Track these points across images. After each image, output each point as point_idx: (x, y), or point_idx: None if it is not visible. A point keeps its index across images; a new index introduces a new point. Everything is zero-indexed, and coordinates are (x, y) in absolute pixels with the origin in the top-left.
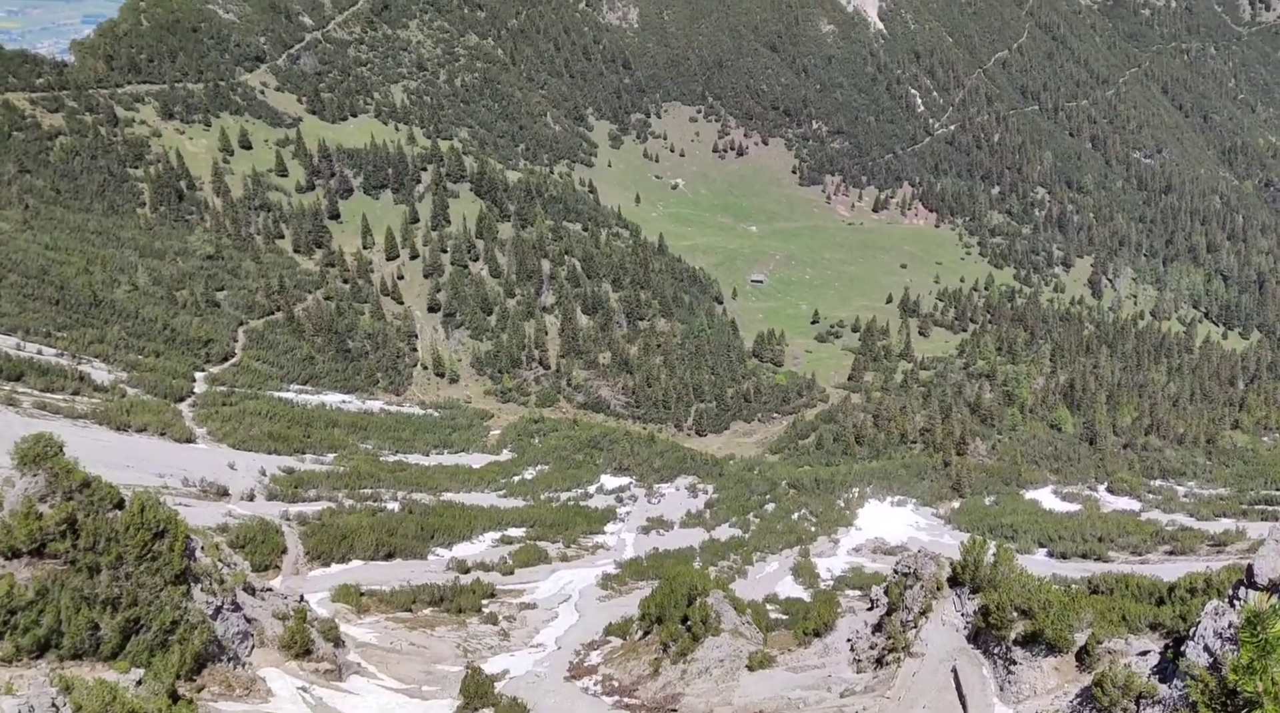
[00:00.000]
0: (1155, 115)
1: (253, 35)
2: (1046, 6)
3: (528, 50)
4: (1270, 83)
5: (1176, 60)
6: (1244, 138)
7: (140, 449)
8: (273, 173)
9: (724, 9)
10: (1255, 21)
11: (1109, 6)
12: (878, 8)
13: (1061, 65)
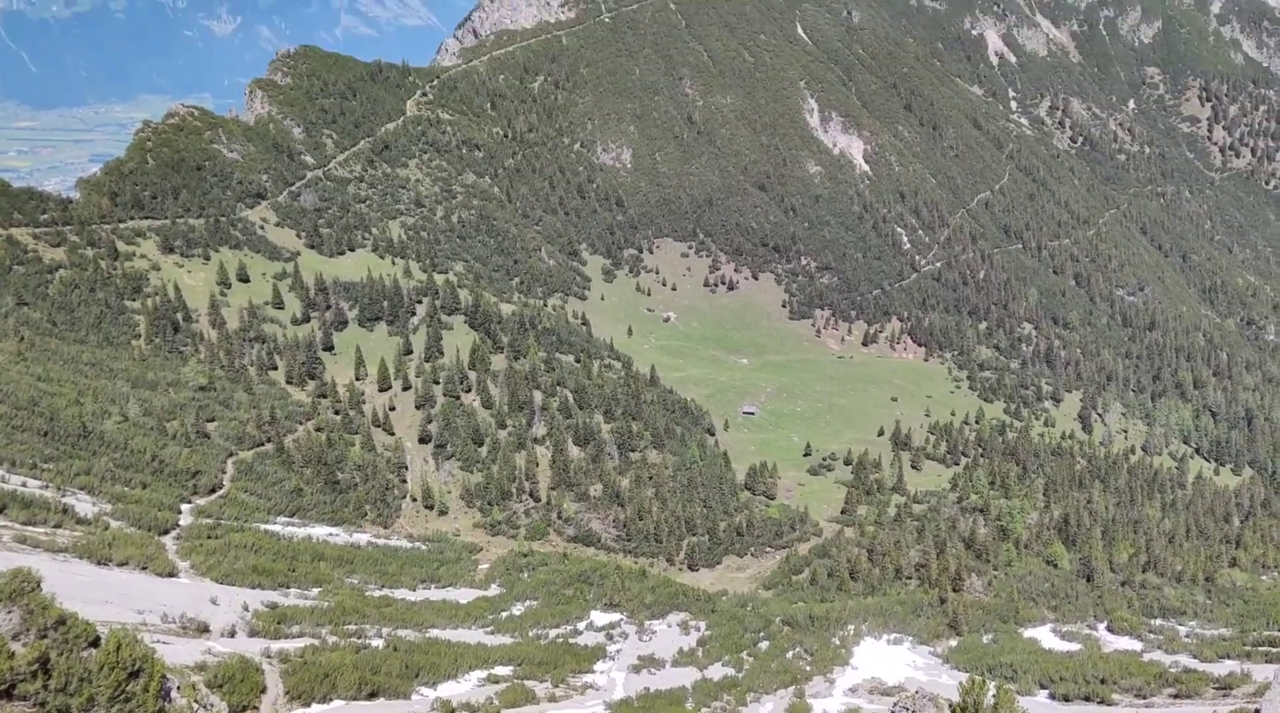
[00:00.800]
0: (1136, 254)
1: (255, 173)
2: (1026, 151)
3: (524, 189)
4: (1245, 225)
5: (1153, 203)
6: (1223, 277)
7: (121, 584)
8: (269, 305)
9: (714, 151)
10: (1226, 168)
11: (1085, 151)
12: (863, 150)
13: (1043, 206)
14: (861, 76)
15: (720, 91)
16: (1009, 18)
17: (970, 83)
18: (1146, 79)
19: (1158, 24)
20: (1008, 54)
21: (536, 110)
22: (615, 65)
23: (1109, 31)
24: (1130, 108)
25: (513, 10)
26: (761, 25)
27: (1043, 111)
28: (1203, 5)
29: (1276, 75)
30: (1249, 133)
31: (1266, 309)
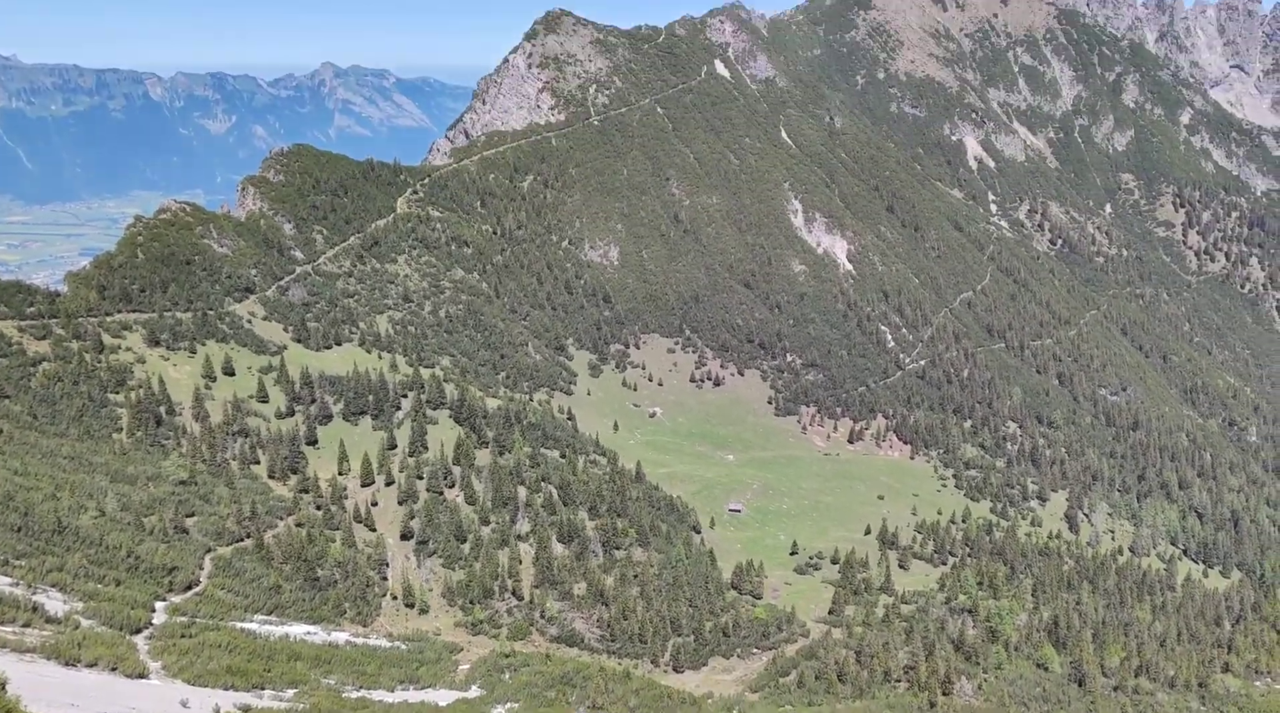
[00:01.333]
0: (1117, 355)
1: (245, 268)
2: (1006, 252)
3: (511, 284)
4: (1223, 328)
5: (1133, 304)
6: (1203, 378)
7: (88, 686)
8: (254, 399)
9: (700, 248)
10: (1202, 271)
11: (1065, 253)
12: (846, 250)
13: (1024, 306)
14: (844, 179)
15: (706, 192)
16: (987, 124)
17: (951, 186)
18: (1122, 185)
19: (1131, 133)
20: (986, 159)
21: (525, 208)
22: (604, 166)
23: (1084, 139)
24: (1107, 212)
25: (504, 113)
26: (746, 129)
27: (1022, 214)
28: (1173, 116)
29: (1246, 183)
30: (1222, 238)
31: (1247, 411)
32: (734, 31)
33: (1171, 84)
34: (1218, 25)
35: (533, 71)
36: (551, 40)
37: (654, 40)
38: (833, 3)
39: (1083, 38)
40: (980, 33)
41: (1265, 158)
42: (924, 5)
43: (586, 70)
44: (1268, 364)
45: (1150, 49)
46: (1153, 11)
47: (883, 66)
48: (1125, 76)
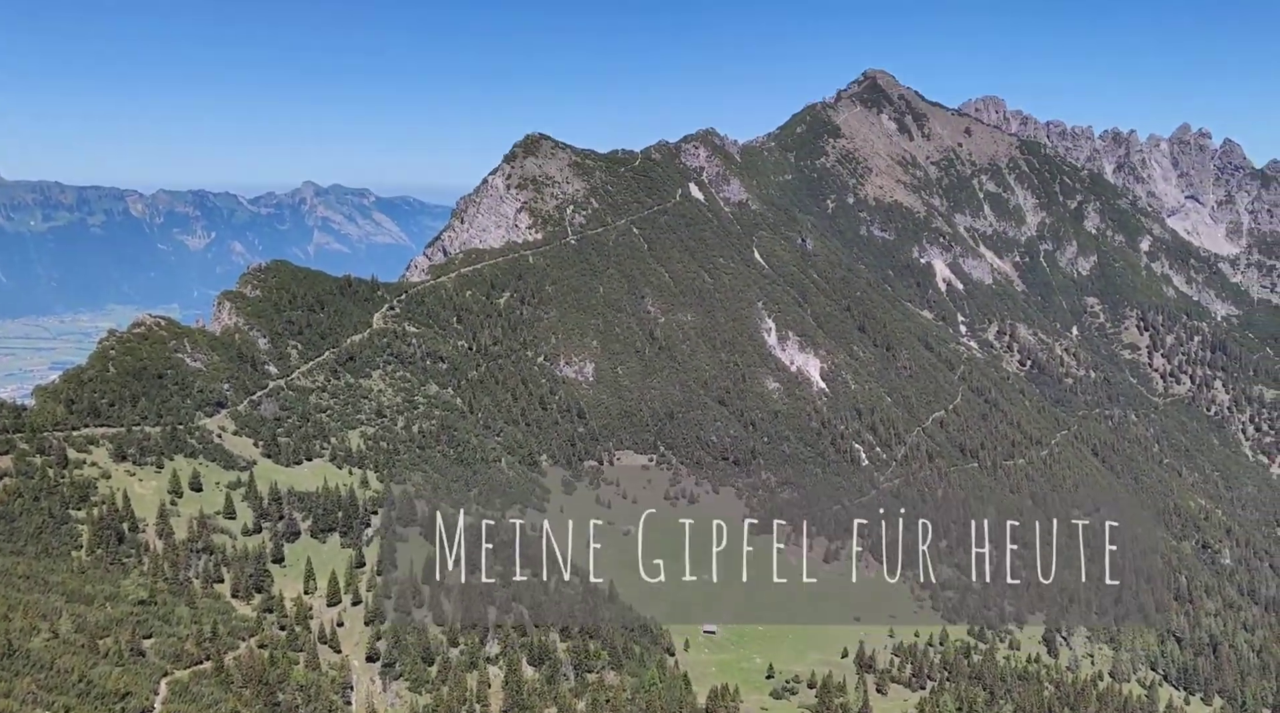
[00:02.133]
0: (1089, 476)
1: (217, 382)
2: (977, 372)
3: (486, 400)
4: (1191, 449)
5: (1102, 425)
6: (1175, 500)
7: None
8: (220, 515)
9: (675, 366)
10: (1169, 393)
11: (1034, 374)
12: (819, 368)
13: (996, 426)
14: (816, 299)
15: (681, 310)
16: (954, 248)
17: (920, 307)
18: (1087, 308)
19: (1094, 258)
20: (955, 282)
21: (501, 324)
22: (580, 283)
23: (1049, 263)
24: (1074, 334)
25: (482, 231)
26: (720, 249)
27: (991, 336)
28: (1133, 243)
29: (1206, 308)
30: (1186, 361)
31: (1220, 533)
32: (708, 156)
33: (1130, 212)
34: (1171, 158)
35: (511, 192)
36: (530, 162)
37: (630, 164)
38: (803, 130)
39: (1044, 167)
40: (945, 161)
41: (1223, 284)
42: (891, 134)
43: (564, 191)
44: (1237, 487)
45: (1109, 179)
46: (1110, 144)
47: (852, 192)
48: (1086, 204)
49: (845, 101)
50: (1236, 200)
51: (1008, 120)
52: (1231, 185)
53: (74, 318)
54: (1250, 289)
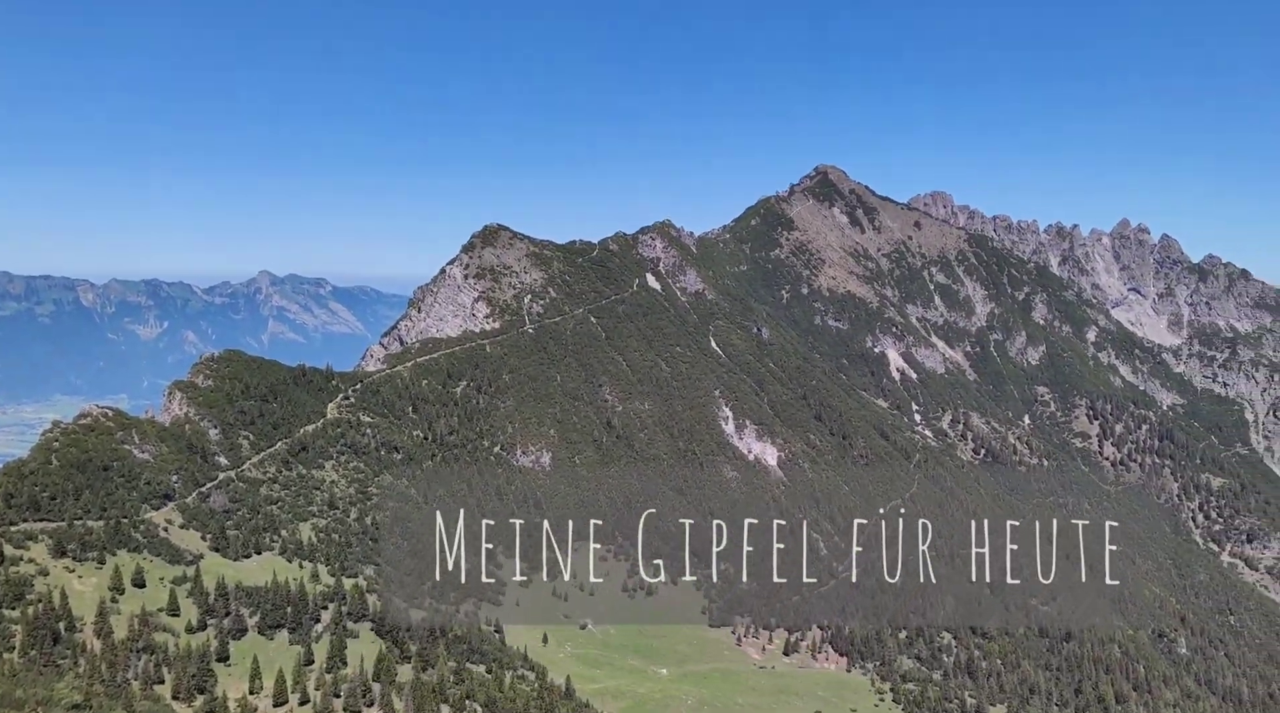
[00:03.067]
0: (1045, 564)
1: (165, 474)
2: (932, 461)
3: (441, 490)
4: (1144, 538)
5: (1057, 513)
6: (1130, 589)
7: None
8: (163, 612)
9: (633, 455)
10: (1120, 481)
11: (988, 463)
12: (777, 457)
13: (952, 514)
14: (773, 387)
15: (639, 399)
16: (907, 338)
17: (875, 396)
18: (1038, 397)
19: (1043, 348)
20: (908, 371)
21: (458, 414)
22: (537, 372)
23: (1000, 353)
24: (1026, 423)
25: (439, 320)
26: (677, 339)
27: (945, 424)
28: (1080, 333)
29: (1153, 398)
30: (1136, 449)
31: (1175, 621)
32: (664, 247)
33: (1076, 304)
34: (1113, 252)
35: (469, 281)
36: (488, 252)
37: (588, 254)
38: (757, 223)
39: (992, 259)
40: (897, 253)
41: (1167, 374)
42: (843, 227)
43: (522, 281)
44: (1190, 575)
45: (1055, 272)
46: (1054, 238)
47: (806, 282)
48: (1034, 296)
49: (798, 195)
50: (1176, 293)
51: (955, 214)
52: (1171, 278)
53: (17, 410)
54: (1193, 379)
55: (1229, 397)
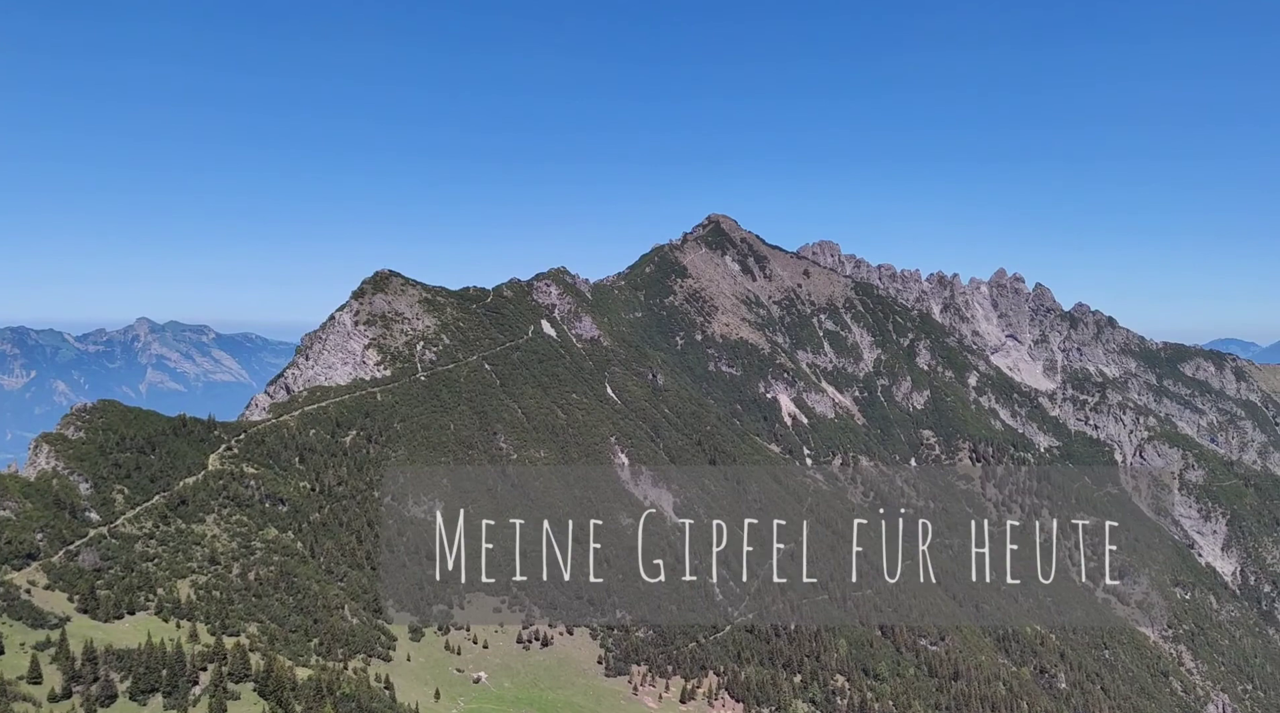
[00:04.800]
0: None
1: (29, 533)
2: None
3: (329, 543)
4: (1025, 577)
5: (943, 554)
6: (1013, 626)
7: None
8: (24, 680)
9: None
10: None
11: (877, 505)
12: (673, 503)
13: (843, 557)
14: (668, 433)
15: (534, 446)
16: (798, 384)
17: (768, 441)
18: (923, 441)
19: (927, 393)
20: (800, 416)
21: (347, 464)
22: (430, 421)
23: (886, 398)
24: (913, 466)
25: (328, 368)
26: (573, 385)
27: (835, 468)
28: (962, 378)
29: (1031, 441)
30: (1016, 491)
31: (1055, 657)
32: (559, 294)
33: (958, 350)
34: (991, 300)
35: (359, 328)
36: (379, 299)
37: (482, 301)
38: (651, 270)
39: (877, 307)
40: (787, 300)
41: (1044, 418)
42: (735, 275)
43: (414, 328)
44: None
45: (937, 319)
46: (935, 286)
47: (700, 329)
48: (918, 342)
49: (691, 243)
50: (1050, 340)
51: (842, 263)
52: (1045, 326)
53: None
54: (1067, 422)
55: (1100, 439)
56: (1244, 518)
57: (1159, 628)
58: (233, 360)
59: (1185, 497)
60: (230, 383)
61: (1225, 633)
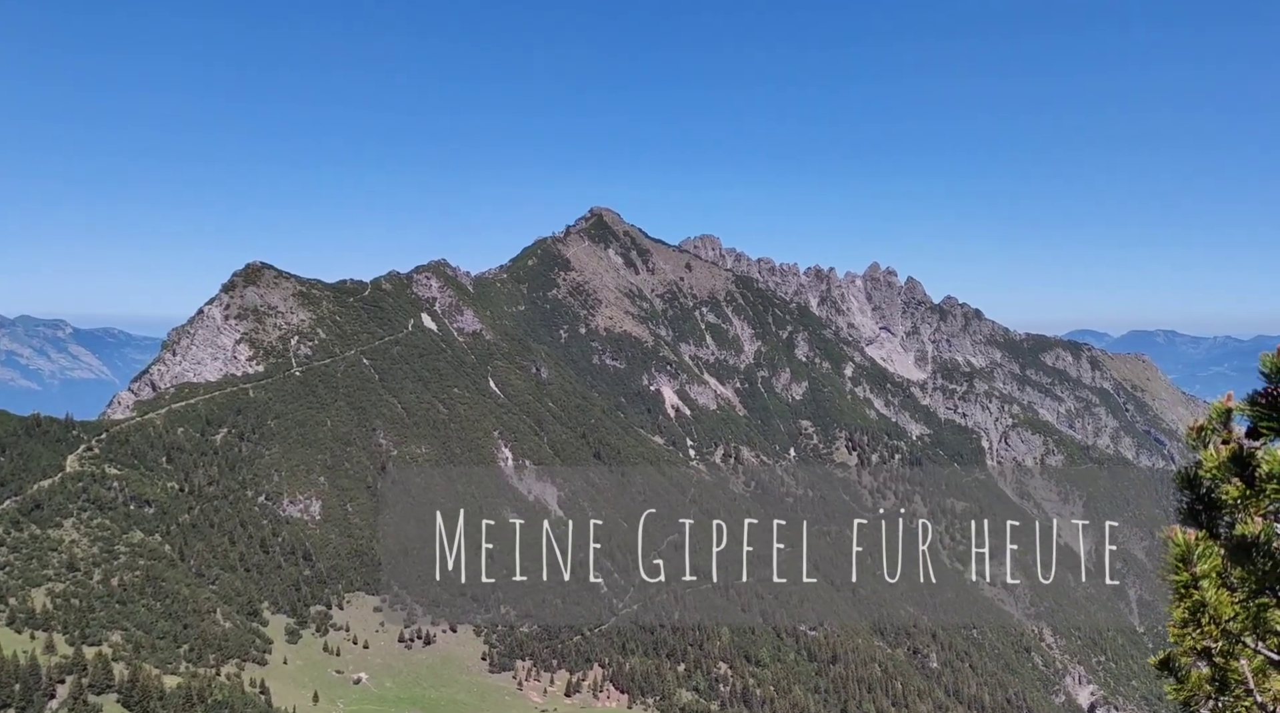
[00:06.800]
0: (814, 590)
1: None
2: (707, 495)
3: (199, 545)
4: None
5: (822, 541)
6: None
7: None
8: None
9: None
10: (877, 509)
11: (759, 495)
12: (557, 497)
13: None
14: (552, 427)
15: (415, 441)
16: (681, 376)
17: (652, 433)
18: (802, 431)
19: (805, 384)
20: (683, 407)
21: (218, 463)
22: (305, 417)
23: (767, 390)
24: (792, 456)
25: (196, 364)
26: (455, 380)
27: (718, 459)
28: (838, 369)
29: (904, 429)
30: (890, 478)
31: (927, 638)
32: (440, 287)
33: (834, 342)
34: (865, 293)
35: (230, 322)
36: (251, 292)
37: (360, 294)
38: (534, 263)
39: (758, 300)
40: (670, 293)
41: (915, 407)
42: (618, 268)
43: (289, 322)
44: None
45: (814, 311)
46: (813, 279)
47: (584, 322)
48: (796, 334)
49: (574, 236)
50: (921, 332)
51: (723, 257)
52: (916, 318)
53: None
54: (937, 411)
55: (968, 427)
56: (1098, 500)
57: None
58: (93, 357)
59: (1046, 481)
60: (90, 381)
61: (1082, 609)
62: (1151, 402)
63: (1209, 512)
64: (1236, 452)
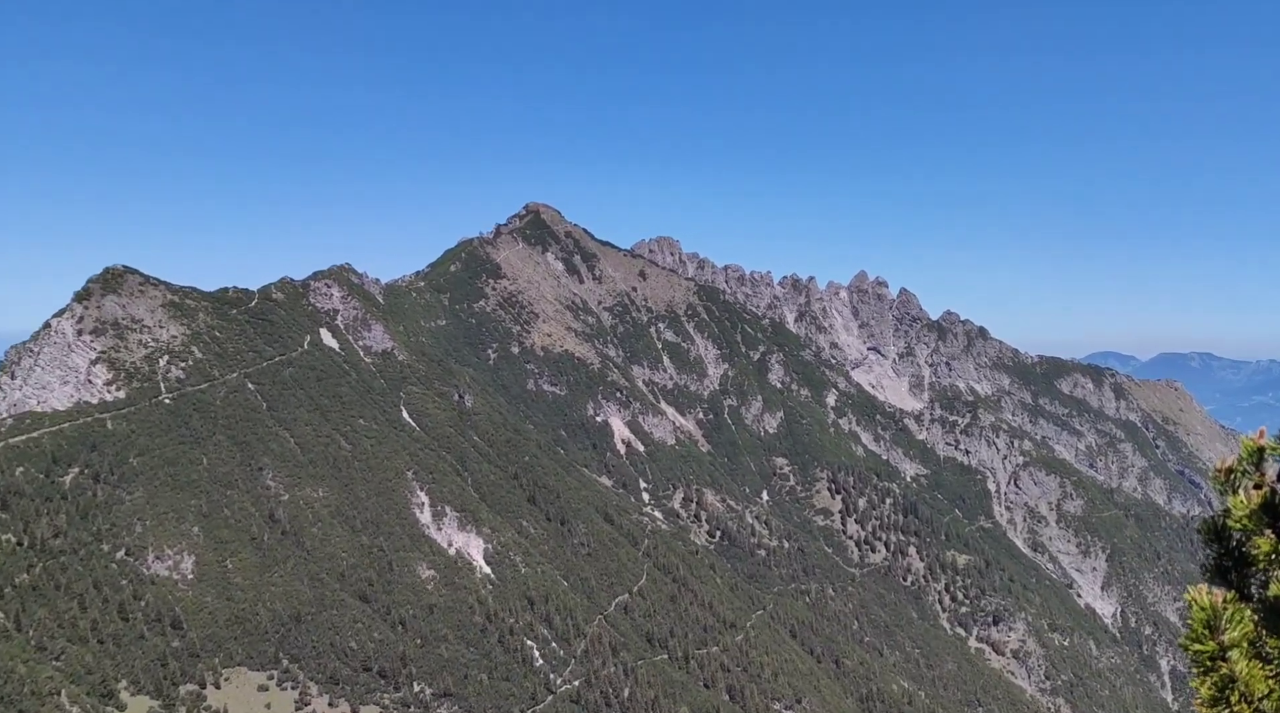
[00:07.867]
0: (789, 662)
1: None
2: (663, 547)
3: (41, 612)
4: (891, 624)
5: (799, 602)
6: (877, 684)
7: None
8: None
9: (302, 554)
10: (865, 563)
11: (725, 546)
12: (483, 550)
13: (686, 609)
14: (478, 466)
15: (311, 484)
16: (633, 404)
17: (599, 472)
18: (777, 470)
19: (780, 414)
20: (635, 442)
21: (66, 510)
22: (176, 454)
23: (734, 421)
24: (764, 499)
25: (42, 389)
26: (360, 409)
27: (677, 503)
28: (819, 397)
29: (896, 468)
30: (880, 527)
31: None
32: (343, 297)
33: (815, 364)
34: (852, 307)
35: (84, 339)
36: (111, 302)
37: (245, 304)
38: (458, 269)
39: (724, 315)
40: (620, 307)
41: (910, 442)
42: (559, 276)
43: (156, 338)
44: (937, 664)
45: (791, 328)
46: (790, 291)
47: (517, 340)
48: (769, 356)
49: (506, 237)
50: (916, 352)
51: (684, 263)
52: (911, 337)
53: None
54: (936, 446)
55: (971, 465)
56: (1124, 552)
57: (1036, 679)
58: None
59: (1063, 530)
60: None
61: (1105, 682)
62: (1185, 437)
63: (1239, 569)
64: (1269, 498)
